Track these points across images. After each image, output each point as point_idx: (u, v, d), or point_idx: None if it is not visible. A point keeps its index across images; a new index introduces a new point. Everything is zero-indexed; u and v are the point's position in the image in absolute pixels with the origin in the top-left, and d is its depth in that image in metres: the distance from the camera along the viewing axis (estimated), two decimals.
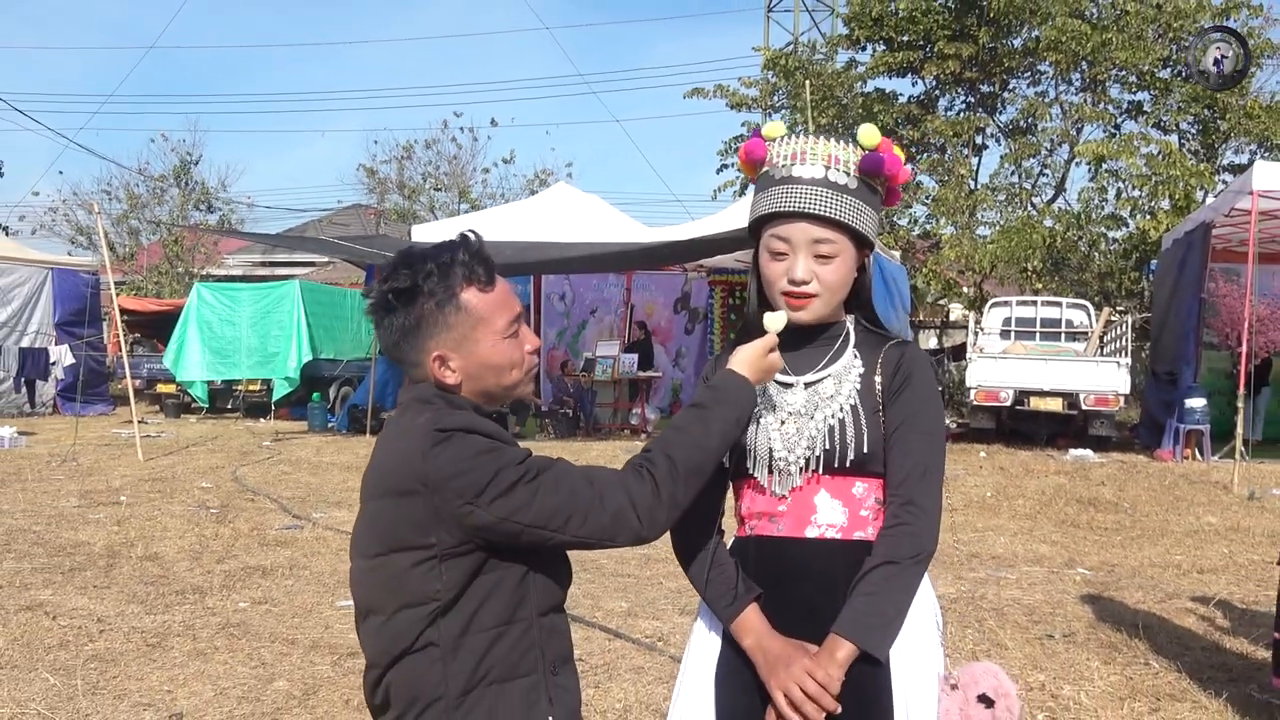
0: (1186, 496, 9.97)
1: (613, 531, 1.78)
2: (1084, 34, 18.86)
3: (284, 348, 18.36)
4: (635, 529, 1.78)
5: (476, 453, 1.76)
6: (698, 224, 15.67)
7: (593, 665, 4.77)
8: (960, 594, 6.18)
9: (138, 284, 29.48)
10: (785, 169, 2.01)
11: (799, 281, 1.98)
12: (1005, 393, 13.97)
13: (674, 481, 1.80)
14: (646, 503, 1.78)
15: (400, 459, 1.80)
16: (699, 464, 1.85)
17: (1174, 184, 17.98)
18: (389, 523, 1.81)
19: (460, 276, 1.84)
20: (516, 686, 1.81)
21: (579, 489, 1.77)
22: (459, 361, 1.86)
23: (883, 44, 21.16)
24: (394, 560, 1.80)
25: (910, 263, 20.00)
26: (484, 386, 1.90)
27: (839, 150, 2.01)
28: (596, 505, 1.76)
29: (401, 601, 1.80)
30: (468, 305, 1.84)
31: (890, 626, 1.90)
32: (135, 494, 9.61)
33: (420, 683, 1.79)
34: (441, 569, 1.77)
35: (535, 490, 1.75)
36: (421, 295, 1.82)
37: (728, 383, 1.93)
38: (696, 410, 1.91)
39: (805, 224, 1.97)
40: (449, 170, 33.60)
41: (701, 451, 1.85)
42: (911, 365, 2.01)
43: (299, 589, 6.25)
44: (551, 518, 1.76)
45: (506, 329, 1.88)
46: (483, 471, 1.75)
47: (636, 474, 1.81)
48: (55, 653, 4.99)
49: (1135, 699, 4.50)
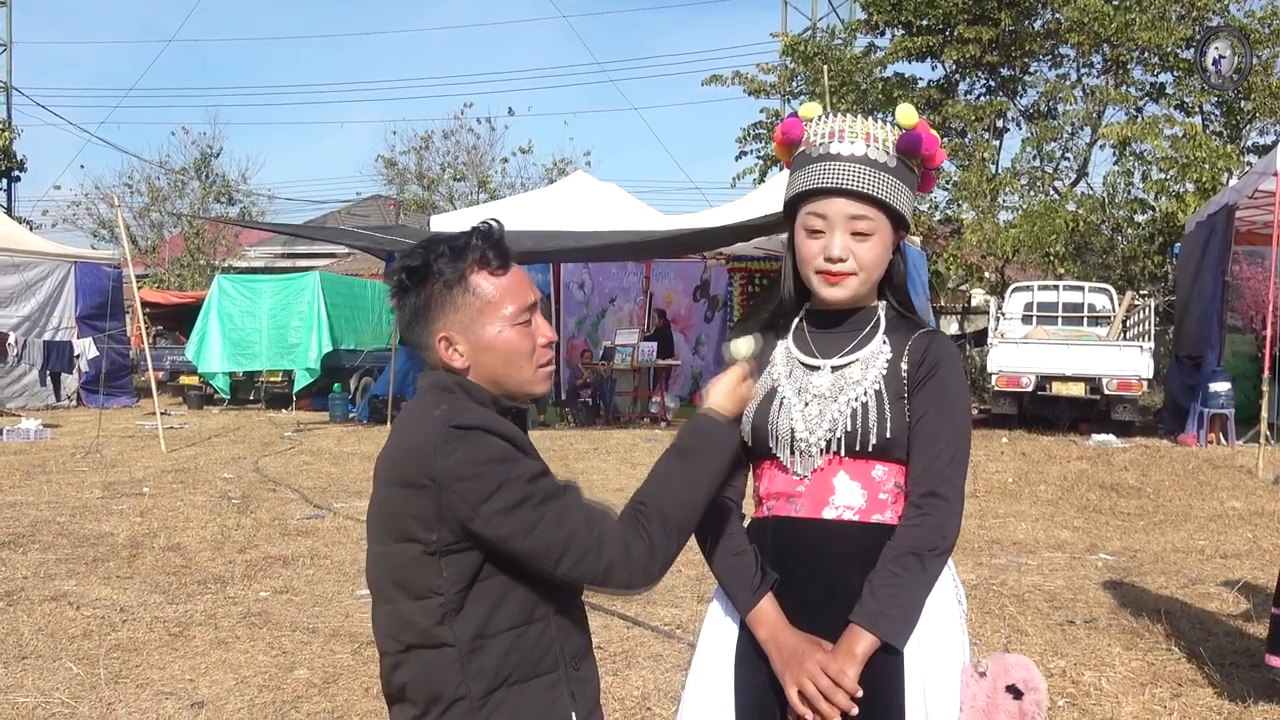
0: (1210, 481, 9.89)
1: (604, 579, 1.77)
2: (1106, 15, 18.67)
3: (305, 339, 18.44)
4: (626, 581, 1.77)
5: (489, 459, 1.75)
6: (716, 212, 15.62)
7: (611, 653, 4.78)
8: (981, 580, 6.15)
9: (159, 277, 29.65)
10: (823, 147, 2.00)
11: (835, 259, 1.96)
12: (1027, 378, 13.89)
13: (667, 538, 1.79)
14: (640, 560, 1.76)
15: (413, 450, 1.80)
16: (690, 519, 1.85)
17: (1199, 167, 17.79)
18: (395, 512, 1.81)
19: (471, 259, 1.85)
20: (538, 685, 1.81)
21: (579, 530, 1.75)
22: (465, 345, 1.86)
23: (902, 28, 21.00)
24: (399, 550, 1.80)
25: (931, 248, 19.88)
26: (493, 375, 1.88)
27: (877, 129, 2.00)
28: (593, 551, 1.75)
29: (406, 592, 1.80)
30: (476, 287, 1.85)
31: (910, 618, 1.89)
32: (158, 485, 9.69)
33: (440, 683, 1.79)
34: (442, 564, 1.77)
35: (538, 519, 1.74)
36: (432, 275, 1.85)
37: (708, 427, 1.92)
38: (681, 459, 1.88)
39: (843, 200, 1.96)
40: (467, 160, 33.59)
41: (691, 507, 1.85)
42: (939, 354, 1.99)
43: (320, 578, 6.28)
44: (547, 551, 1.75)
45: (516, 316, 1.87)
46: (489, 480, 1.74)
47: (634, 528, 1.78)
48: (79, 642, 5.04)
49: (1157, 684, 4.47)
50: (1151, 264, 19.94)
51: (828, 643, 1.91)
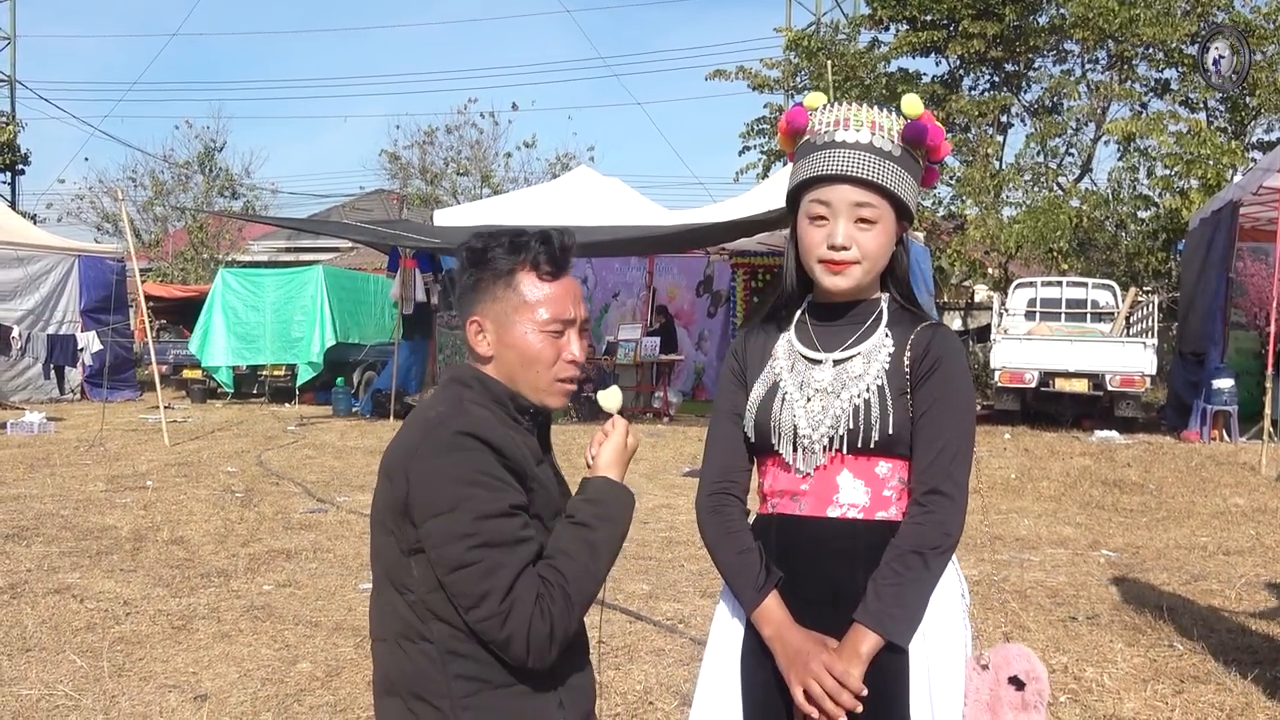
0: (1213, 478, 9.88)
1: (501, 648, 1.76)
2: (1111, 10, 18.63)
3: (308, 333, 18.44)
4: (520, 658, 1.76)
5: (459, 476, 1.76)
6: (720, 207, 15.61)
7: (613, 647, 4.78)
8: (983, 576, 6.15)
9: (163, 270, 29.65)
10: (828, 135, 1.99)
11: (839, 247, 1.95)
12: (1030, 374, 13.89)
13: (568, 617, 1.79)
14: (539, 645, 1.75)
15: (402, 445, 1.84)
16: (591, 593, 1.85)
17: (1203, 163, 17.76)
18: (380, 504, 1.86)
19: (524, 258, 1.89)
20: (525, 691, 1.81)
21: (496, 591, 1.73)
22: (493, 336, 1.90)
23: (906, 23, 20.98)
24: (384, 542, 1.84)
25: (935, 244, 19.86)
26: (511, 373, 1.90)
27: (883, 118, 1.99)
28: (498, 620, 1.73)
29: (392, 584, 1.84)
30: (519, 285, 1.89)
31: (914, 617, 1.89)
32: (161, 478, 9.70)
33: (422, 678, 1.81)
34: (411, 563, 1.80)
35: (466, 560, 1.73)
36: (485, 262, 1.89)
37: (606, 496, 1.92)
38: (582, 533, 1.86)
39: (847, 188, 1.95)
40: (471, 155, 33.59)
41: (594, 581, 1.84)
42: (943, 349, 1.97)
43: (322, 572, 6.29)
44: (460, 596, 1.76)
45: (549, 324, 1.89)
46: (447, 498, 1.75)
47: (539, 609, 1.75)
48: (82, 635, 5.05)
49: (1159, 681, 4.47)
50: (1155, 260, 19.92)
51: (833, 641, 1.90)
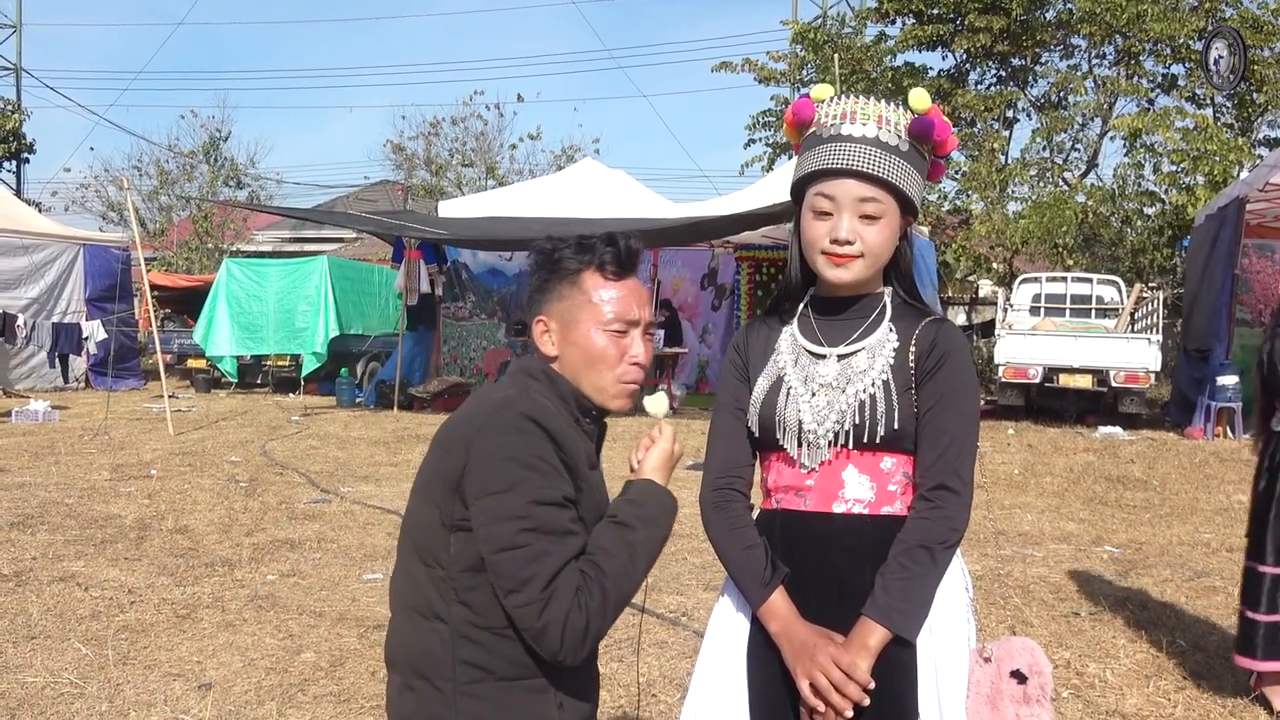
0: (1217, 475, 9.88)
1: (535, 638, 1.75)
2: (1118, 6, 18.57)
3: (312, 323, 18.45)
4: (553, 650, 1.75)
5: (518, 458, 1.76)
6: (724, 200, 15.58)
7: (616, 640, 4.78)
8: (987, 571, 6.16)
9: (168, 260, 29.67)
10: (834, 128, 1.98)
11: (842, 241, 1.94)
12: (1034, 369, 13.88)
13: (603, 616, 1.79)
14: (573, 639, 1.75)
15: (465, 418, 1.86)
16: (628, 595, 1.85)
17: (1210, 159, 17.72)
18: (432, 472, 1.86)
19: (590, 259, 1.92)
20: (526, 687, 1.82)
21: (539, 579, 1.73)
22: (558, 335, 1.92)
23: (912, 17, 20.93)
24: (425, 511, 1.85)
25: (940, 238, 19.83)
26: (575, 372, 1.92)
27: (889, 112, 1.99)
28: (536, 606, 1.73)
29: (420, 557, 1.85)
30: (584, 284, 1.92)
31: (921, 611, 1.89)
32: (166, 468, 9.72)
33: (430, 658, 1.82)
34: (450, 539, 1.80)
35: (515, 543, 1.74)
36: (553, 263, 1.94)
37: (649, 499, 1.91)
38: (624, 534, 1.85)
39: (852, 182, 1.94)
40: (476, 146, 33.57)
41: (631, 582, 1.84)
42: (948, 344, 1.97)
43: (326, 562, 6.31)
44: (502, 578, 1.75)
45: (612, 324, 1.91)
46: (504, 477, 1.76)
47: (578, 603, 1.75)
48: (87, 623, 5.06)
49: (1161, 677, 4.47)
50: (1160, 256, 19.88)
51: (839, 635, 1.91)
